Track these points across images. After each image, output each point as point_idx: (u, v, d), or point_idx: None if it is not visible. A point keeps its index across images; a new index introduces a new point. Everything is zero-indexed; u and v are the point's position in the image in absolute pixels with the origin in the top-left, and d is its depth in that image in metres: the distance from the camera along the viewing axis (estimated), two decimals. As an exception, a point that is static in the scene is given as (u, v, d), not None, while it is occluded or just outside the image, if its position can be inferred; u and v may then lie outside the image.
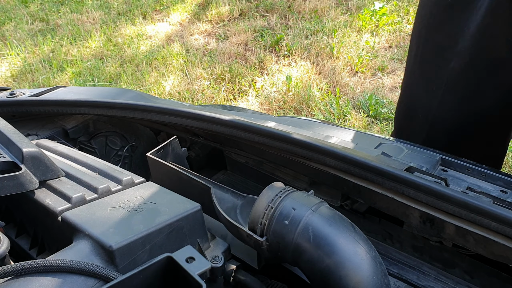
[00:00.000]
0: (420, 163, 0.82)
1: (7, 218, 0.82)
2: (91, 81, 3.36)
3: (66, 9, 4.60)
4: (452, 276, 0.77)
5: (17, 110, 1.09)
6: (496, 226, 0.65)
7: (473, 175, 0.80)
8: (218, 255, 0.67)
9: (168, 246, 0.63)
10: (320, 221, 0.64)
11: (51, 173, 0.75)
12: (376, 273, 0.62)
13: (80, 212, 0.66)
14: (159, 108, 0.98)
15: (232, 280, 0.71)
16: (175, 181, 0.85)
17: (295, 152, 0.84)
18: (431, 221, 0.74)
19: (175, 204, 0.67)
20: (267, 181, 0.79)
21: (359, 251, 0.62)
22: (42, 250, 0.76)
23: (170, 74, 3.30)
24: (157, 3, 4.47)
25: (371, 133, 0.96)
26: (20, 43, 3.98)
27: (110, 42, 3.87)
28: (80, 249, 0.60)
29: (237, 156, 1.03)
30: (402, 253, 0.83)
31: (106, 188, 0.72)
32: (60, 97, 1.09)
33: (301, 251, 0.64)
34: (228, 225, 0.72)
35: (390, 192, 0.76)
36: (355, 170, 0.78)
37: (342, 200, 0.86)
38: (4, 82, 3.52)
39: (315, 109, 2.69)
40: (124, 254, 0.58)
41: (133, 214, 0.64)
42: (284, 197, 0.67)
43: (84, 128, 1.13)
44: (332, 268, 0.61)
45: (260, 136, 0.87)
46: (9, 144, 0.76)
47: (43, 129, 1.09)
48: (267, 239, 0.66)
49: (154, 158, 0.88)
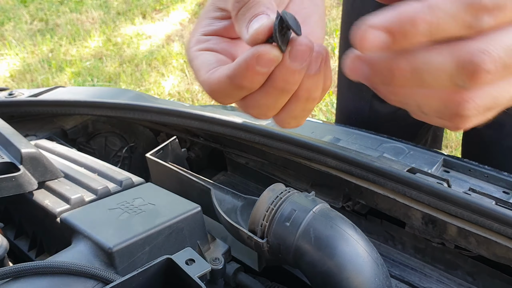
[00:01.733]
0: (422, 164, 0.82)
1: (6, 219, 0.82)
2: (90, 81, 3.36)
3: (66, 9, 4.59)
4: (454, 278, 0.77)
5: (15, 111, 1.08)
6: (499, 227, 0.65)
7: (476, 176, 0.79)
8: (218, 256, 0.67)
9: (167, 248, 0.62)
10: (321, 223, 0.63)
11: (50, 174, 0.74)
12: (378, 275, 0.61)
13: (79, 213, 0.65)
14: (159, 108, 0.97)
15: (233, 282, 0.70)
16: (175, 182, 0.85)
17: (296, 153, 0.84)
18: (433, 222, 0.73)
19: (175, 205, 0.66)
20: (268, 182, 0.78)
21: (361, 253, 0.62)
22: (41, 251, 0.76)
23: (170, 74, 3.30)
24: (156, 2, 4.47)
25: (373, 133, 0.96)
26: (19, 43, 3.97)
27: (109, 42, 3.86)
28: (79, 251, 0.59)
29: (237, 157, 1.03)
30: (404, 255, 0.82)
31: (105, 189, 0.72)
32: (59, 98, 1.08)
33: (302, 253, 0.63)
34: (229, 226, 0.71)
35: (392, 193, 0.75)
36: (356, 171, 0.78)
37: (343, 202, 0.86)
38: (3, 82, 3.52)
39: (316, 109, 2.69)
40: (124, 255, 0.58)
41: (133, 216, 0.64)
42: (285, 199, 0.67)
43: (83, 129, 1.13)
44: (333, 270, 0.61)
45: (260, 137, 0.87)
46: (8, 145, 0.75)
47: (41, 130, 1.08)
48: (268, 241, 0.66)
49: (154, 159, 0.87)
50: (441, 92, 0.28)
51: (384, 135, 0.95)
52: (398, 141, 0.92)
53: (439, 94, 0.28)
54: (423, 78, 0.27)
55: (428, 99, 0.28)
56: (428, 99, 0.28)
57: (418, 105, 0.29)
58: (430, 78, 0.27)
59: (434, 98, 0.28)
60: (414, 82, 0.28)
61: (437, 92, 0.28)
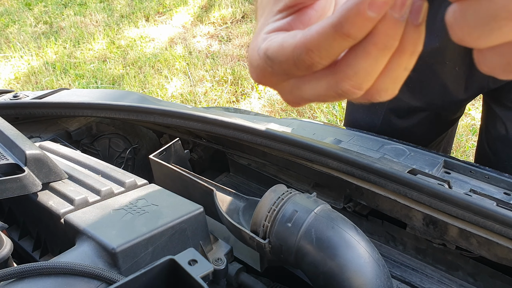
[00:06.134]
0: (423, 165, 0.82)
1: (10, 220, 0.82)
2: (94, 83, 3.37)
3: (70, 12, 4.62)
4: (456, 279, 0.77)
5: (20, 112, 1.09)
6: (500, 228, 0.65)
7: (476, 177, 0.79)
8: (220, 257, 0.67)
9: (170, 248, 0.63)
10: (323, 224, 0.64)
11: (54, 175, 0.75)
12: (379, 275, 0.61)
13: (83, 214, 0.66)
14: (162, 110, 0.98)
15: (235, 282, 0.71)
16: (178, 183, 0.85)
17: (298, 154, 0.84)
18: (434, 223, 0.74)
19: (178, 206, 0.67)
20: (269, 183, 0.79)
21: (362, 254, 0.62)
22: (45, 252, 0.76)
23: (173, 76, 3.31)
24: (160, 5, 4.48)
25: (374, 135, 0.96)
26: (24, 46, 4.00)
27: (113, 45, 3.88)
28: (83, 251, 0.60)
29: (239, 158, 1.03)
30: (405, 256, 0.82)
31: (109, 191, 0.72)
32: (63, 100, 1.09)
33: (304, 254, 0.64)
34: (231, 227, 0.72)
35: (393, 194, 0.76)
36: (357, 172, 0.78)
37: (345, 202, 0.86)
38: (8, 85, 3.54)
39: (317, 111, 2.69)
40: (127, 256, 0.58)
41: (136, 216, 0.64)
42: (287, 200, 0.67)
43: (87, 130, 1.14)
44: (335, 270, 0.61)
45: (262, 138, 0.87)
46: (12, 146, 0.76)
47: (46, 131, 1.09)
48: (270, 241, 0.66)
49: (157, 160, 0.88)
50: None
51: (385, 137, 0.95)
52: (399, 142, 0.92)
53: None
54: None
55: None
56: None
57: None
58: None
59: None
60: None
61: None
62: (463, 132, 2.46)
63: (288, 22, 0.35)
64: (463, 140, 2.42)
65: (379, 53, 0.30)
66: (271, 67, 0.33)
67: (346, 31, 0.29)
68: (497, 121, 1.05)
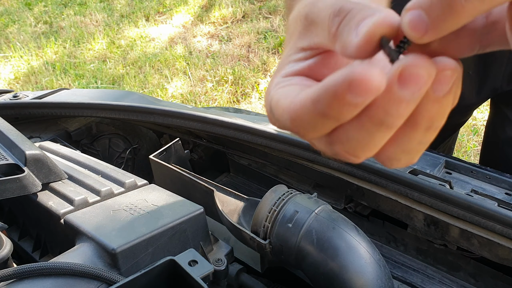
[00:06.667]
0: (424, 166, 0.82)
1: (10, 221, 0.82)
2: (94, 83, 3.37)
3: (70, 12, 4.62)
4: (457, 279, 0.77)
5: (20, 113, 1.09)
6: (501, 229, 0.65)
7: (478, 177, 0.79)
8: (221, 258, 0.67)
9: (171, 249, 0.62)
10: (323, 224, 0.64)
11: (54, 175, 0.75)
12: (380, 276, 0.61)
13: (83, 214, 0.66)
14: (162, 110, 0.98)
15: (235, 283, 0.71)
16: (178, 183, 0.85)
17: (298, 154, 0.84)
18: (435, 223, 0.73)
19: (178, 207, 0.67)
20: (270, 184, 0.78)
21: (363, 254, 0.62)
22: (45, 252, 0.76)
23: (173, 76, 3.31)
24: (160, 5, 4.48)
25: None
26: (24, 46, 3.99)
27: (113, 45, 3.88)
28: (83, 252, 0.60)
29: (240, 159, 1.03)
30: (406, 256, 0.82)
31: (109, 191, 0.72)
32: (63, 100, 1.09)
33: (305, 254, 0.63)
34: (231, 227, 0.72)
35: (394, 195, 0.76)
36: (358, 173, 0.78)
37: (345, 203, 0.86)
38: (7, 85, 3.53)
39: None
40: (127, 256, 0.58)
41: (136, 217, 0.64)
42: (288, 200, 0.67)
43: (87, 131, 1.13)
44: (335, 271, 0.61)
45: (263, 138, 0.87)
46: (12, 147, 0.76)
47: (46, 132, 1.09)
48: (270, 242, 0.66)
49: (157, 161, 0.88)
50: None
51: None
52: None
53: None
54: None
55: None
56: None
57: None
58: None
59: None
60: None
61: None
62: (464, 132, 2.45)
63: (309, 65, 0.31)
64: (464, 140, 2.41)
65: (375, 128, 0.25)
66: (273, 117, 0.30)
67: (323, 112, 0.25)
68: (507, 124, 1.03)
